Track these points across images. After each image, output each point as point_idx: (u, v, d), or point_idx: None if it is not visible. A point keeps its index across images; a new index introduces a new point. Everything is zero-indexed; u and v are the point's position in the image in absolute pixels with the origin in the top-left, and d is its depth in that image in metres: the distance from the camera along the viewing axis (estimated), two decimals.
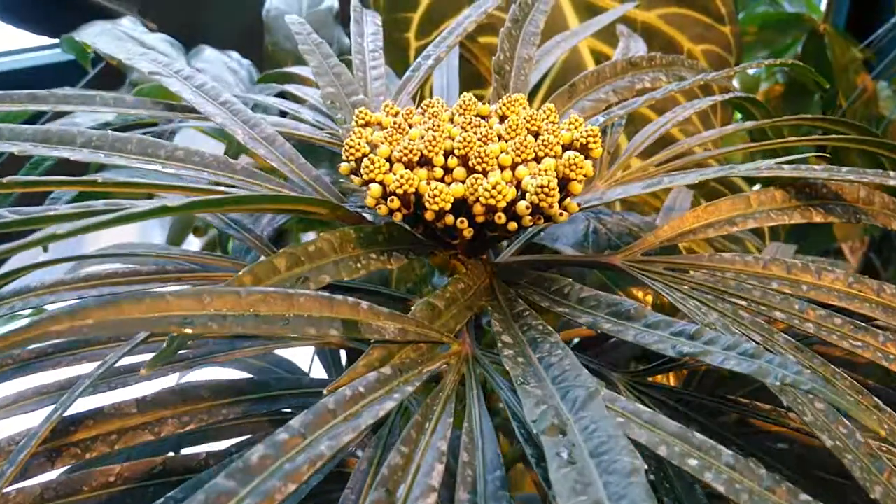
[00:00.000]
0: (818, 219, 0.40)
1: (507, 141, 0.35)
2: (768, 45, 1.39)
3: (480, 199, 0.32)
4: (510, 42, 0.48)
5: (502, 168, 0.34)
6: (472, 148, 0.33)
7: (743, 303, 0.35)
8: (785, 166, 0.38)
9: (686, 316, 0.32)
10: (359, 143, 0.35)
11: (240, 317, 0.25)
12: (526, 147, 0.33)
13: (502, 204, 0.32)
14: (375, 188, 0.33)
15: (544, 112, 0.38)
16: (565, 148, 0.36)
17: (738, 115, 0.94)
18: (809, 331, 0.34)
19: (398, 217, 0.34)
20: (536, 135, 0.36)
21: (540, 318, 0.32)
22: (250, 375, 0.46)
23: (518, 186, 0.33)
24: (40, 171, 0.57)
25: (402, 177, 0.32)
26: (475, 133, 0.35)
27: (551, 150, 0.34)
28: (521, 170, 0.33)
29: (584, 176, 0.36)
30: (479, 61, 0.75)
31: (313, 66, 0.47)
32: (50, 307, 0.41)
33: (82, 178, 0.34)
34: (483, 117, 0.38)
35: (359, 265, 0.33)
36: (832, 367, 0.32)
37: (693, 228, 0.38)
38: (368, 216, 0.38)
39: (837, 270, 0.36)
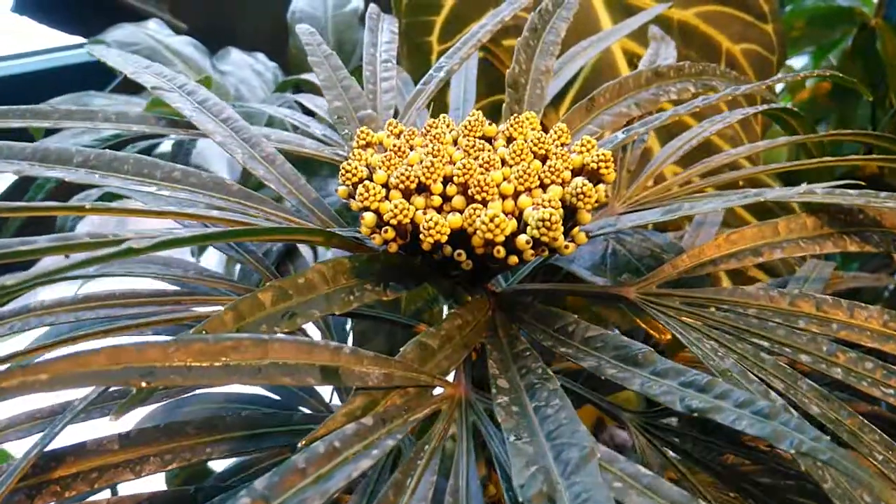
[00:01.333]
0: (853, 248, 0.37)
1: (511, 166, 0.33)
2: (815, 40, 1.33)
3: (478, 231, 0.30)
4: (526, 53, 0.46)
5: (504, 197, 0.31)
6: (471, 175, 0.31)
7: (766, 343, 0.32)
8: (818, 190, 0.35)
9: (700, 360, 0.30)
10: (356, 168, 0.33)
11: (206, 368, 0.23)
12: (529, 175, 0.31)
13: (500, 238, 0.30)
14: (369, 217, 0.31)
15: (555, 133, 0.36)
16: (576, 173, 0.34)
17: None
18: (837, 376, 0.31)
19: (393, 248, 0.32)
20: (545, 159, 0.34)
21: (540, 359, 0.30)
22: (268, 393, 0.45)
23: (520, 218, 0.31)
24: (45, 192, 0.57)
25: (395, 206, 0.31)
26: (477, 158, 0.33)
27: (558, 176, 0.32)
28: (523, 199, 0.31)
29: (597, 203, 0.34)
30: (504, 65, 0.73)
31: (321, 78, 0.45)
32: (45, 329, 0.41)
33: (69, 204, 0.33)
34: (489, 139, 0.36)
35: (352, 297, 0.31)
36: (860, 418, 0.30)
37: (714, 258, 0.35)
38: (369, 242, 0.36)
39: (871, 308, 0.33)
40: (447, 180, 0.32)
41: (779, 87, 1.22)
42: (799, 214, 0.37)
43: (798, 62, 1.40)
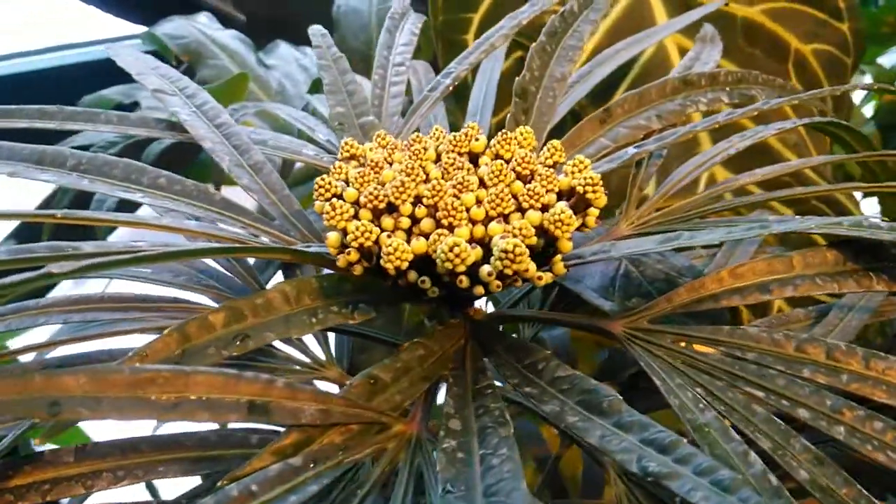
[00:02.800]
0: (880, 287, 0.33)
1: (488, 188, 0.31)
2: None
3: (437, 260, 0.28)
4: (541, 59, 0.43)
5: (474, 222, 0.29)
6: (441, 197, 0.29)
7: (760, 394, 0.29)
8: (844, 221, 0.32)
9: (676, 411, 0.27)
10: (329, 183, 0.32)
11: (118, 400, 0.22)
12: (502, 199, 0.29)
13: (461, 268, 0.28)
14: (333, 237, 0.30)
15: (548, 151, 0.34)
16: (564, 196, 0.32)
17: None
18: (839, 436, 0.28)
19: (358, 270, 0.30)
20: (529, 180, 0.32)
21: (500, 399, 0.27)
22: None
23: (488, 245, 0.29)
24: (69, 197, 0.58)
25: (357, 228, 0.29)
26: (453, 178, 0.31)
27: (538, 200, 0.30)
28: (493, 226, 0.29)
29: (585, 227, 0.31)
30: None
31: (326, 82, 0.44)
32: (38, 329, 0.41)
33: (39, 211, 0.33)
34: (476, 156, 0.34)
35: (314, 320, 0.30)
36: (857, 488, 0.26)
37: (715, 293, 0.32)
38: None
39: (892, 359, 0.30)
40: (419, 201, 0.30)
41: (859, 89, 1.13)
42: (819, 247, 0.33)
43: (890, 60, 1.30)
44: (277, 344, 0.41)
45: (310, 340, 0.46)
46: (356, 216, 0.31)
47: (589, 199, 0.31)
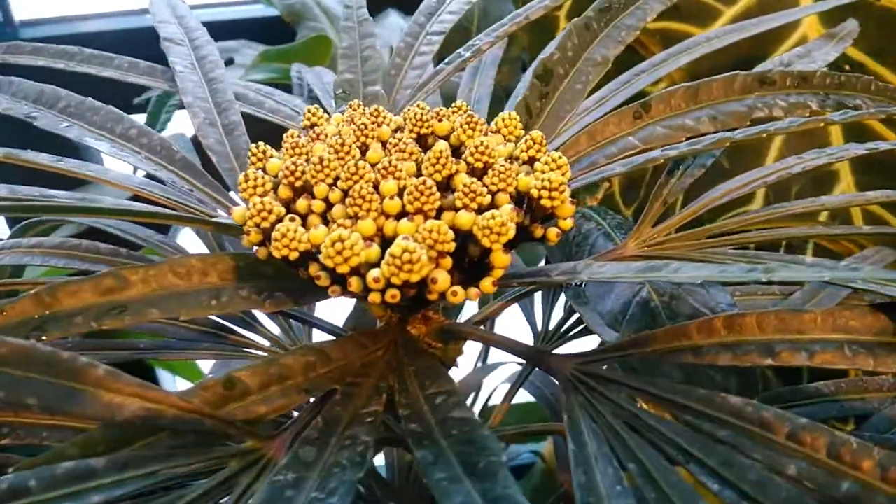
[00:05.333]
0: None
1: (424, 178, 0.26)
2: None
3: (320, 255, 0.23)
4: (581, 38, 0.37)
5: (387, 216, 0.24)
6: (357, 181, 0.25)
7: (716, 486, 0.22)
8: (881, 275, 0.24)
9: (576, 489, 0.21)
10: (264, 151, 0.28)
11: None
12: (423, 192, 0.24)
13: (343, 268, 0.23)
14: (238, 211, 0.26)
15: (527, 143, 0.28)
16: (517, 200, 0.26)
17: None
18: None
19: (262, 253, 0.26)
20: (481, 174, 0.26)
21: (376, 432, 0.23)
22: None
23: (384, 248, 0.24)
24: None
25: (254, 205, 0.25)
26: (388, 163, 0.26)
27: (473, 200, 0.24)
28: (403, 224, 0.24)
29: (546, 240, 0.25)
30: (648, 50, 0.62)
31: (344, 45, 0.40)
32: None
33: None
34: (444, 138, 0.29)
35: (214, 302, 0.26)
36: None
37: (699, 345, 0.25)
38: None
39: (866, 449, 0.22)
40: (334, 184, 0.26)
41: None
42: (861, 307, 0.25)
43: None
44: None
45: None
46: (275, 191, 0.27)
47: (544, 207, 0.25)
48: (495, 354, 0.77)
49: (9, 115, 0.36)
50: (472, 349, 0.41)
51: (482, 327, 0.34)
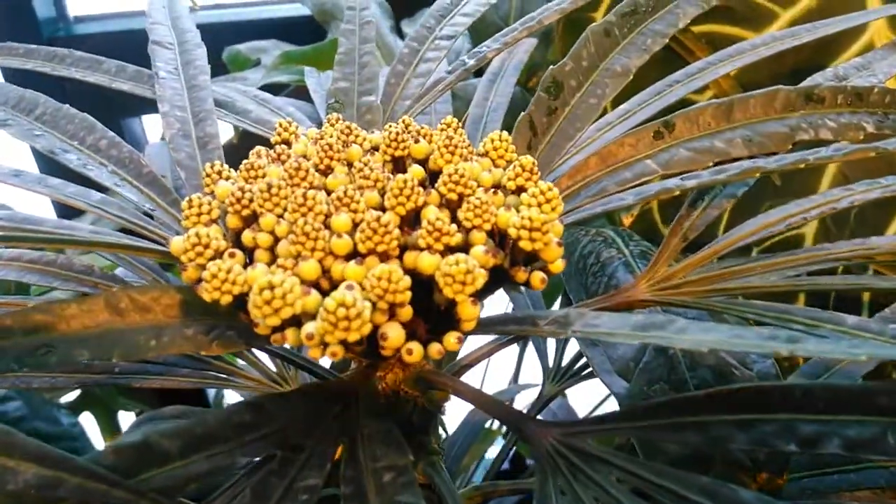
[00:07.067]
0: None
1: (386, 210, 0.22)
2: None
3: (249, 301, 0.20)
4: (599, 46, 0.32)
5: (336, 256, 0.21)
6: (303, 214, 0.21)
7: None
8: None
9: None
10: (219, 171, 0.25)
11: None
12: (376, 230, 0.20)
13: (273, 320, 0.19)
14: (176, 243, 0.23)
15: (515, 170, 0.24)
16: (499, 237, 0.22)
17: None
18: None
19: (201, 291, 0.23)
20: (455, 207, 0.22)
21: None
22: None
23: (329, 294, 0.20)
24: None
25: (188, 238, 0.22)
26: (346, 190, 0.22)
27: (438, 240, 0.21)
28: (350, 267, 0.20)
29: (528, 286, 0.22)
30: (693, 56, 0.57)
31: (341, 51, 0.37)
32: None
33: None
34: (420, 163, 0.25)
35: (153, 343, 0.23)
36: None
37: (706, 423, 0.21)
38: None
39: None
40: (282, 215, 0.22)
41: None
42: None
43: None
44: None
45: None
46: (223, 220, 0.23)
47: (522, 249, 0.21)
48: (526, 374, 0.73)
49: None
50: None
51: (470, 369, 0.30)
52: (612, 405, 0.67)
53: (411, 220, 0.22)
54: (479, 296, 0.21)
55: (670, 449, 0.24)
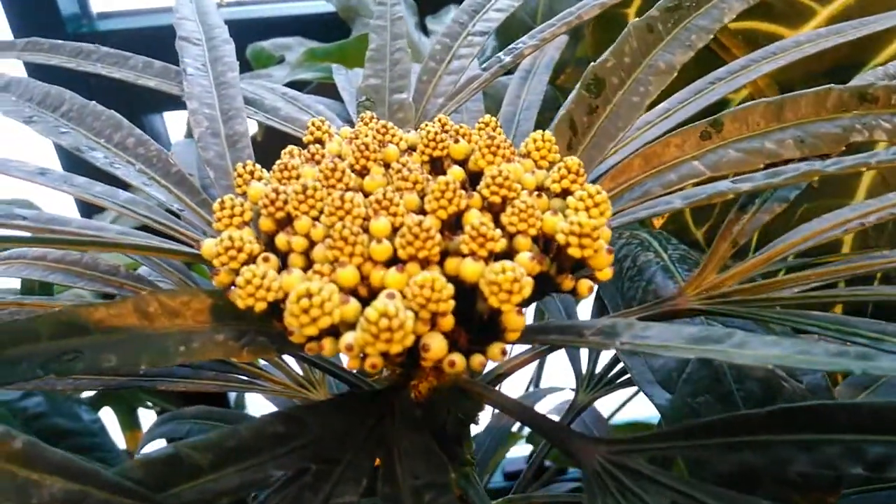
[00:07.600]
0: None
1: (427, 214, 0.21)
2: None
3: (285, 308, 0.19)
4: (642, 42, 0.31)
5: (374, 262, 0.20)
6: (340, 217, 0.20)
7: None
8: None
9: None
10: (251, 172, 0.24)
11: None
12: (418, 235, 0.19)
13: (310, 330, 0.18)
14: (207, 246, 0.22)
15: (560, 172, 0.23)
16: (544, 242, 0.21)
17: None
18: None
19: (234, 297, 0.22)
20: (499, 211, 0.21)
21: None
22: None
23: (368, 301, 0.19)
24: None
25: (222, 241, 0.21)
26: (385, 192, 0.21)
27: (483, 247, 0.20)
28: (390, 274, 0.19)
29: (577, 294, 0.20)
30: (729, 53, 0.55)
31: (372, 47, 0.36)
32: None
33: None
34: (459, 163, 0.24)
35: (182, 349, 0.22)
36: None
37: (768, 442, 0.20)
38: None
39: None
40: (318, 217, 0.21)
41: None
42: None
43: None
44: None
45: None
46: (255, 223, 0.23)
47: (571, 256, 0.20)
48: (548, 377, 0.72)
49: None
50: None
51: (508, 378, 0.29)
52: (631, 411, 0.66)
53: (452, 225, 0.21)
54: (524, 304, 0.20)
55: (721, 467, 0.23)
